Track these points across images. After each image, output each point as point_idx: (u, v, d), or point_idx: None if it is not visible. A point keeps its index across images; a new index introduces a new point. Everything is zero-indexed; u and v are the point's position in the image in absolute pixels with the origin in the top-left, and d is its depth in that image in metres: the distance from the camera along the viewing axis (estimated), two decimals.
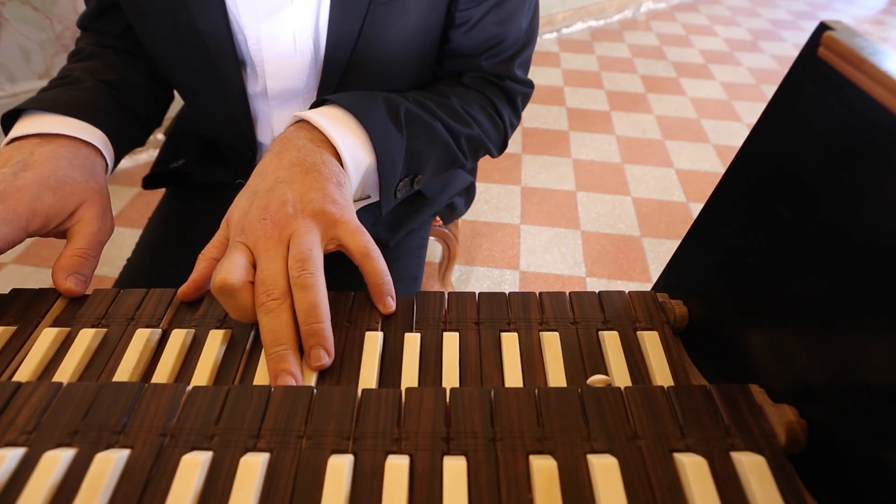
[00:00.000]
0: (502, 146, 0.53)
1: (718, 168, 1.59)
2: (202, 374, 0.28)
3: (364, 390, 0.23)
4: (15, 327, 0.31)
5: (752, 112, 1.85)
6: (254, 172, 0.35)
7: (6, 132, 0.40)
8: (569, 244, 1.34)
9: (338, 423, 0.22)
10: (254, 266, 0.30)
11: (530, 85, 0.51)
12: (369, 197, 0.41)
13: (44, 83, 1.42)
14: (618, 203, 1.46)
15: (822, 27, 0.21)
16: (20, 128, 0.38)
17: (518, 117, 0.52)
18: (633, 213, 1.43)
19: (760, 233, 0.26)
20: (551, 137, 1.69)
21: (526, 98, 0.52)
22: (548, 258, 1.30)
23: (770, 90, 1.98)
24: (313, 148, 0.35)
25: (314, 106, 0.39)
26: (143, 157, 1.53)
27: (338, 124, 0.36)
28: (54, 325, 0.31)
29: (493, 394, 0.23)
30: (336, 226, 0.31)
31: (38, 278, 1.20)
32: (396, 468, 0.20)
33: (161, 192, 0.63)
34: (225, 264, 0.29)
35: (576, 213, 1.42)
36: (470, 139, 0.46)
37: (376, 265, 0.31)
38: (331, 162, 0.34)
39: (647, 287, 1.26)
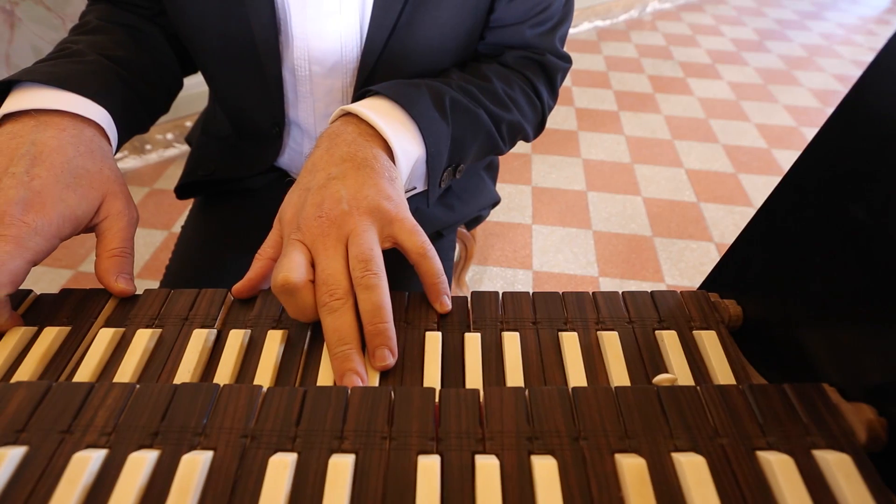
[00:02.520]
0: (539, 129, 0.52)
1: (728, 168, 1.59)
2: (264, 375, 0.28)
3: (442, 391, 0.23)
4: (69, 328, 0.31)
5: (760, 112, 1.85)
6: (304, 169, 0.34)
7: None
8: (581, 244, 1.34)
9: (420, 424, 0.21)
10: (312, 264, 0.30)
11: (569, 60, 0.51)
12: (415, 188, 0.41)
13: None
14: (629, 203, 1.46)
15: None
16: (11, 103, 0.34)
17: (555, 98, 0.52)
18: (644, 213, 1.43)
19: (830, 233, 0.26)
20: (560, 137, 1.69)
21: (564, 74, 0.51)
22: (560, 258, 1.30)
23: (778, 90, 1.98)
24: (363, 142, 0.34)
25: (357, 97, 0.39)
26: (153, 156, 1.53)
27: (387, 117, 0.36)
28: (107, 325, 0.31)
29: (571, 393, 0.23)
30: (392, 223, 0.31)
31: (50, 279, 1.20)
32: (487, 468, 0.20)
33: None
34: (285, 263, 0.28)
35: (587, 213, 1.42)
36: (511, 125, 0.46)
37: (433, 264, 0.31)
38: (382, 156, 0.34)
39: (661, 286, 1.26)
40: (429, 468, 0.20)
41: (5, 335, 0.30)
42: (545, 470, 0.20)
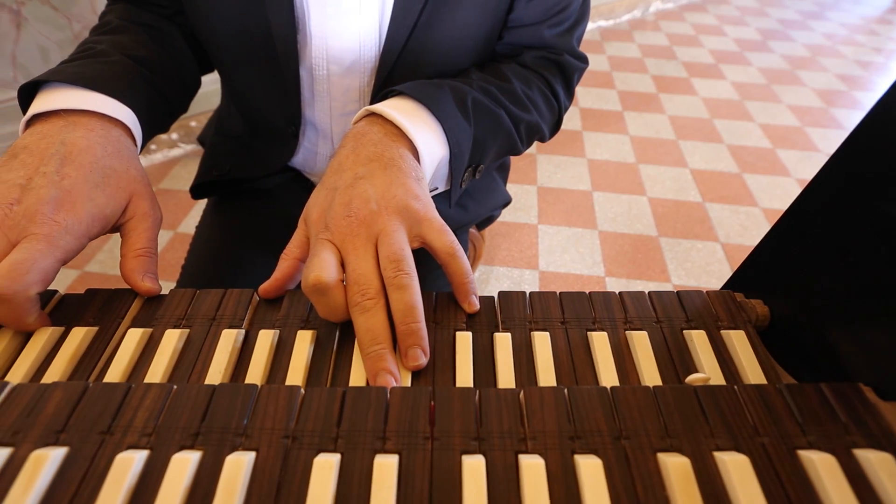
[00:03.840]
0: (555, 129, 0.53)
1: (733, 168, 1.59)
2: (295, 375, 0.28)
3: (482, 390, 0.23)
4: (97, 328, 0.31)
5: (764, 112, 1.85)
6: (329, 168, 0.34)
7: (24, 108, 0.36)
8: (587, 244, 1.34)
9: (462, 424, 0.21)
10: (341, 264, 0.30)
11: (586, 60, 0.51)
12: (436, 189, 0.41)
13: None
14: (634, 203, 1.46)
15: None
16: (40, 103, 0.34)
17: (571, 97, 0.52)
18: (649, 213, 1.43)
19: (863, 232, 0.26)
20: (565, 137, 1.69)
21: (580, 75, 0.51)
22: (566, 258, 1.30)
23: (782, 90, 1.98)
24: (389, 142, 0.34)
25: (380, 97, 0.39)
26: (158, 156, 1.53)
27: (412, 117, 0.36)
28: (134, 325, 0.31)
29: (610, 392, 0.23)
30: (421, 223, 0.31)
31: (58, 278, 1.19)
32: (532, 468, 0.20)
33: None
34: (316, 262, 0.28)
35: (592, 213, 1.42)
36: (529, 126, 0.46)
37: (461, 264, 0.31)
38: (408, 156, 0.34)
39: (668, 286, 1.26)
40: (474, 468, 0.20)
41: (34, 335, 0.30)
42: (590, 469, 0.20)
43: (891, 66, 2.22)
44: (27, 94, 0.36)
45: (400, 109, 0.36)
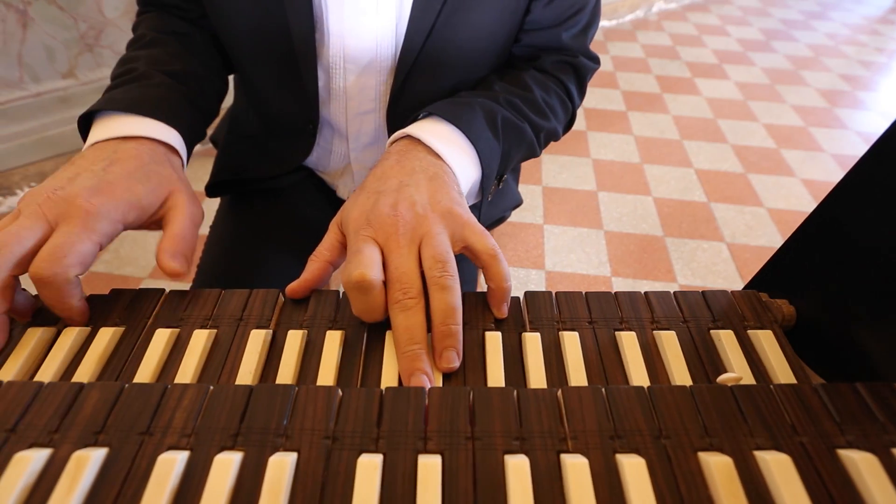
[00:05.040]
0: (567, 129, 0.54)
1: (737, 168, 1.60)
2: (326, 376, 0.28)
3: (519, 390, 0.23)
4: (123, 328, 0.31)
5: (767, 112, 1.85)
6: (371, 176, 0.35)
7: (82, 132, 0.39)
8: (592, 244, 1.34)
9: (503, 424, 0.21)
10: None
11: (598, 61, 0.52)
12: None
13: (67, 83, 1.38)
14: (639, 203, 1.46)
15: None
16: (99, 131, 0.38)
17: (583, 96, 0.53)
18: (654, 213, 1.43)
19: (893, 230, 0.26)
20: (570, 137, 1.69)
21: (592, 74, 0.52)
22: (572, 258, 1.30)
23: (785, 90, 1.99)
24: (433, 160, 0.36)
25: (413, 119, 0.40)
26: None
27: (449, 143, 0.38)
28: (160, 325, 0.31)
29: (648, 392, 0.23)
30: (464, 227, 0.32)
31: None
32: (576, 467, 0.20)
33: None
34: (360, 259, 0.29)
35: (598, 213, 1.42)
36: (548, 132, 0.47)
37: (502, 268, 0.31)
38: (450, 172, 0.36)
39: (674, 286, 1.26)
40: (518, 468, 0.20)
41: (61, 335, 0.30)
42: (634, 469, 0.20)
43: (893, 66, 2.23)
44: (85, 119, 0.39)
45: (436, 135, 0.38)
